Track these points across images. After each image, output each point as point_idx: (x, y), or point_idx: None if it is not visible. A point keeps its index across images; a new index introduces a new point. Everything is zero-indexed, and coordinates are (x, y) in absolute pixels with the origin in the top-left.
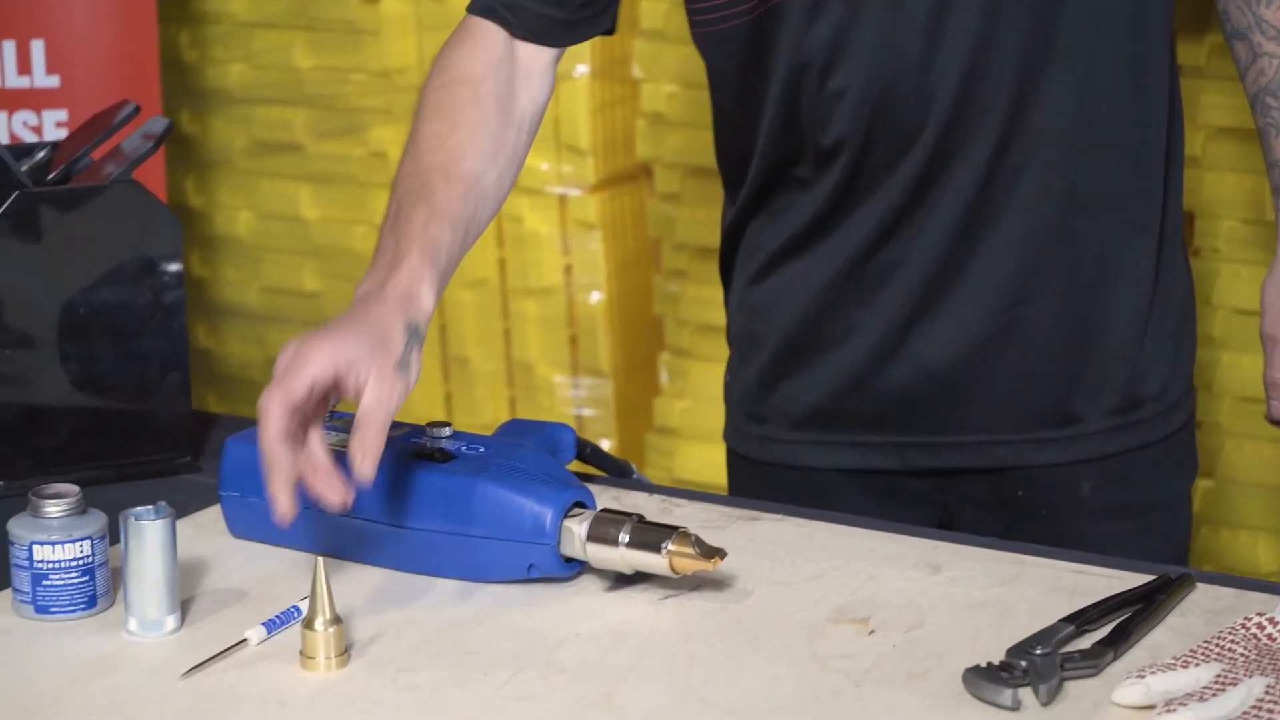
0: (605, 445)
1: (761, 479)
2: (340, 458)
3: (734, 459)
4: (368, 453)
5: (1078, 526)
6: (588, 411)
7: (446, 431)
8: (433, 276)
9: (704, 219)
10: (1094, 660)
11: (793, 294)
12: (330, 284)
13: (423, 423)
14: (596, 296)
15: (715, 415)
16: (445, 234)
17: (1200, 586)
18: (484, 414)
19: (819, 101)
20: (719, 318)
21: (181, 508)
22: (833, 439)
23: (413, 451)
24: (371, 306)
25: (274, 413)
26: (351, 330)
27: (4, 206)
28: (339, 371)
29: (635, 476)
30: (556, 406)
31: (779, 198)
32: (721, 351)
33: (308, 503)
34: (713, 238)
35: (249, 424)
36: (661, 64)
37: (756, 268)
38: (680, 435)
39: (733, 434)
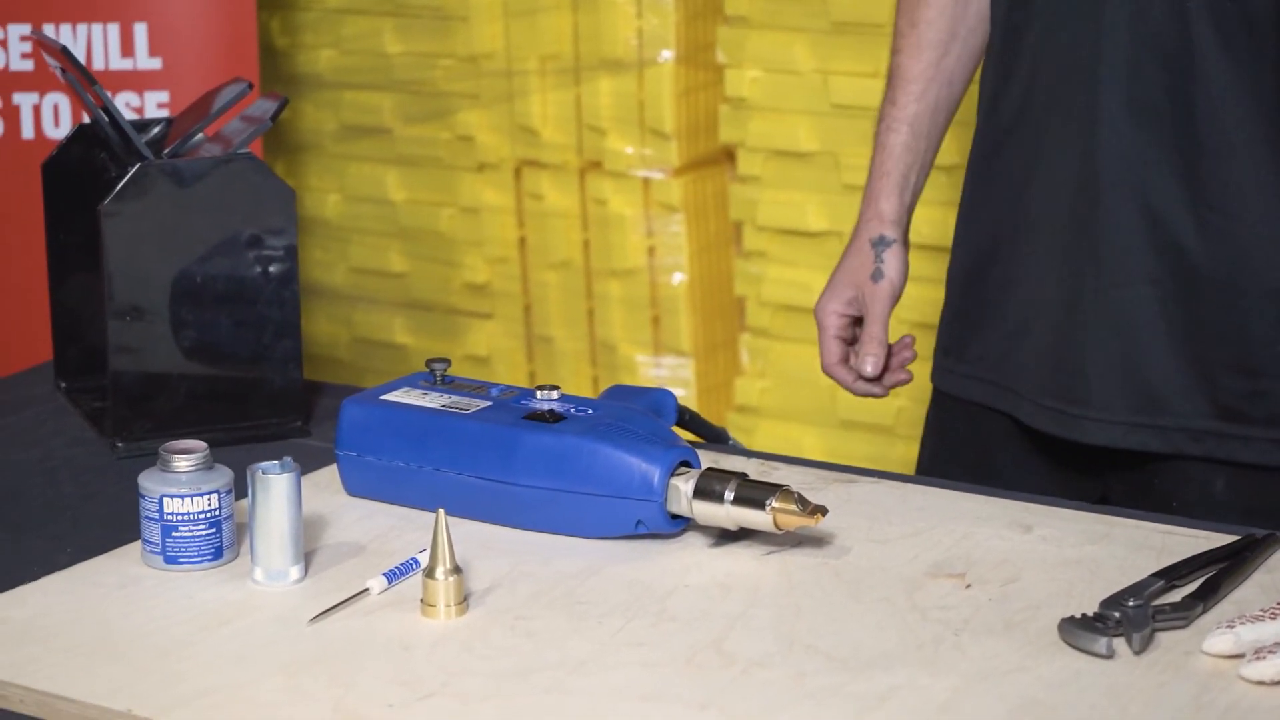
0: None
1: (938, 410)
2: (448, 416)
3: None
4: (866, 350)
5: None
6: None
7: (555, 394)
8: (889, 185)
9: (785, 201)
10: (1184, 612)
11: (962, 227)
12: (417, 265)
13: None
14: (679, 278)
15: (796, 395)
16: (898, 138)
17: None
18: (567, 392)
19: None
20: (800, 298)
21: None
22: (957, 369)
23: (524, 413)
24: (849, 244)
25: (830, 351)
26: (835, 278)
27: (126, 177)
28: (842, 316)
29: (731, 443)
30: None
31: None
32: (801, 331)
33: (422, 462)
34: (793, 219)
35: (356, 390)
36: (745, 49)
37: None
38: (761, 414)
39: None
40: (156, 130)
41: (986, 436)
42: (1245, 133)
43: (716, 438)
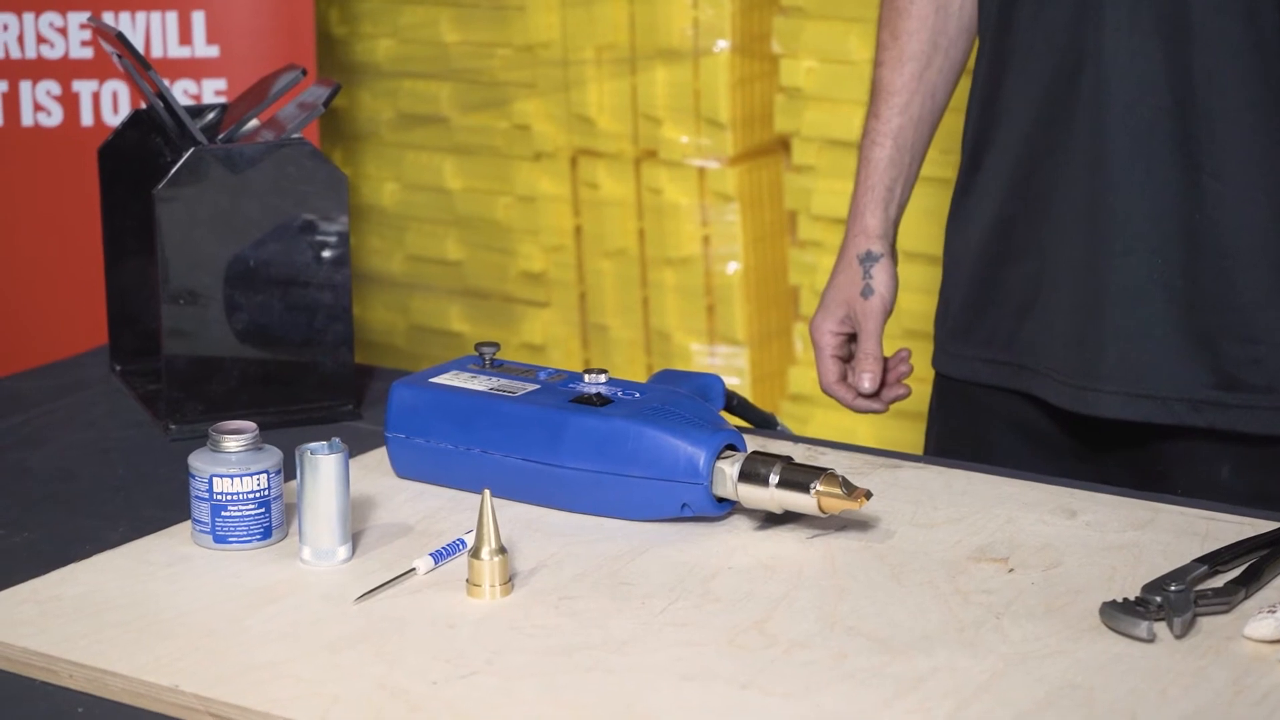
0: None
1: (940, 396)
2: (495, 399)
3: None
4: (861, 368)
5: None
6: (724, 379)
7: (603, 378)
8: (874, 199)
9: (840, 191)
10: (1226, 597)
11: (960, 211)
12: (473, 253)
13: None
14: (733, 267)
15: None
16: (882, 152)
17: None
18: None
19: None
20: None
21: None
22: (964, 352)
23: (571, 396)
24: (838, 261)
25: (828, 370)
26: (826, 296)
27: (180, 162)
28: (837, 334)
29: (779, 428)
30: None
31: None
32: None
33: (470, 444)
34: (847, 210)
35: (406, 374)
36: (800, 39)
37: None
38: (815, 403)
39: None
40: (211, 116)
41: (986, 421)
42: (1242, 97)
43: (764, 423)
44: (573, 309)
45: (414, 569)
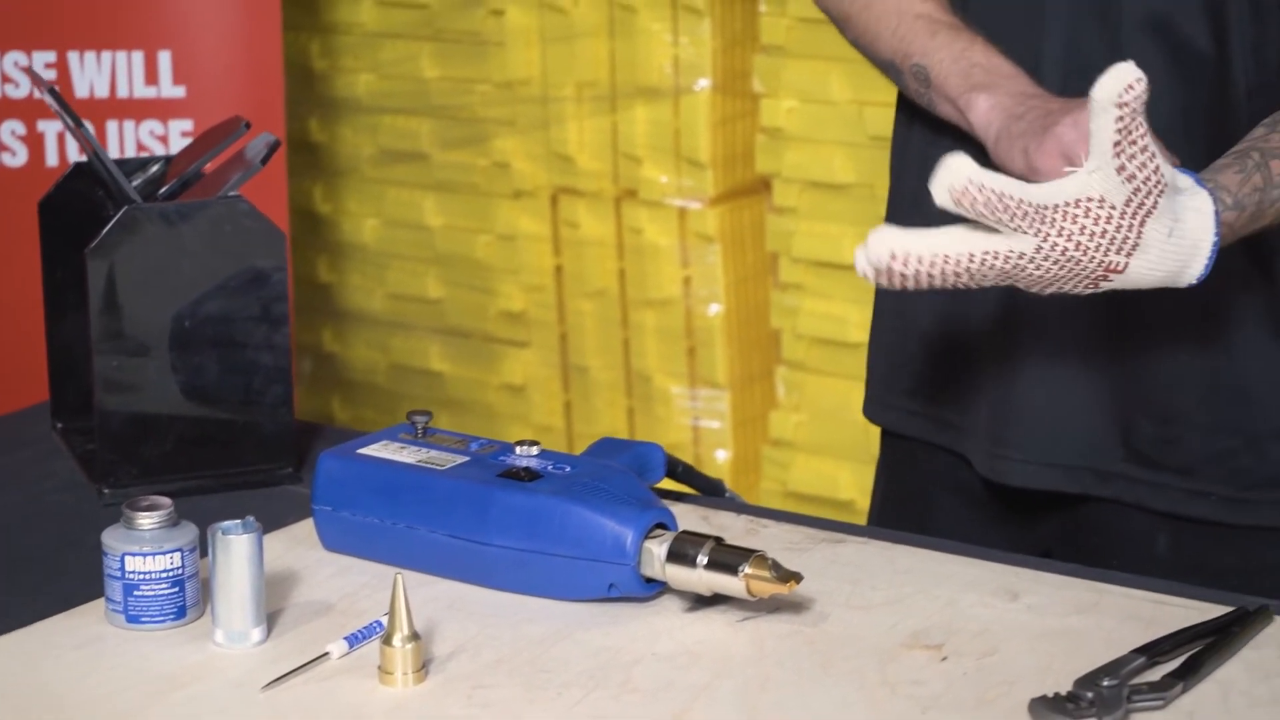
0: (721, 457)
1: (886, 451)
2: (422, 472)
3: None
4: None
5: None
6: (704, 423)
7: (534, 450)
8: None
9: (821, 233)
10: (1162, 693)
11: None
12: (453, 291)
13: (533, 430)
14: (715, 309)
15: (831, 429)
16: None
17: (1278, 619)
18: (602, 423)
19: None
20: (836, 331)
21: (280, 518)
22: (892, 401)
23: (500, 470)
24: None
25: None
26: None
27: (112, 221)
28: None
29: (728, 495)
30: (673, 417)
31: None
32: (839, 366)
33: (397, 518)
34: (830, 252)
35: (350, 436)
36: (781, 79)
37: None
38: (796, 448)
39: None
40: (154, 169)
41: (929, 484)
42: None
43: (712, 489)
44: (553, 350)
45: (327, 653)
